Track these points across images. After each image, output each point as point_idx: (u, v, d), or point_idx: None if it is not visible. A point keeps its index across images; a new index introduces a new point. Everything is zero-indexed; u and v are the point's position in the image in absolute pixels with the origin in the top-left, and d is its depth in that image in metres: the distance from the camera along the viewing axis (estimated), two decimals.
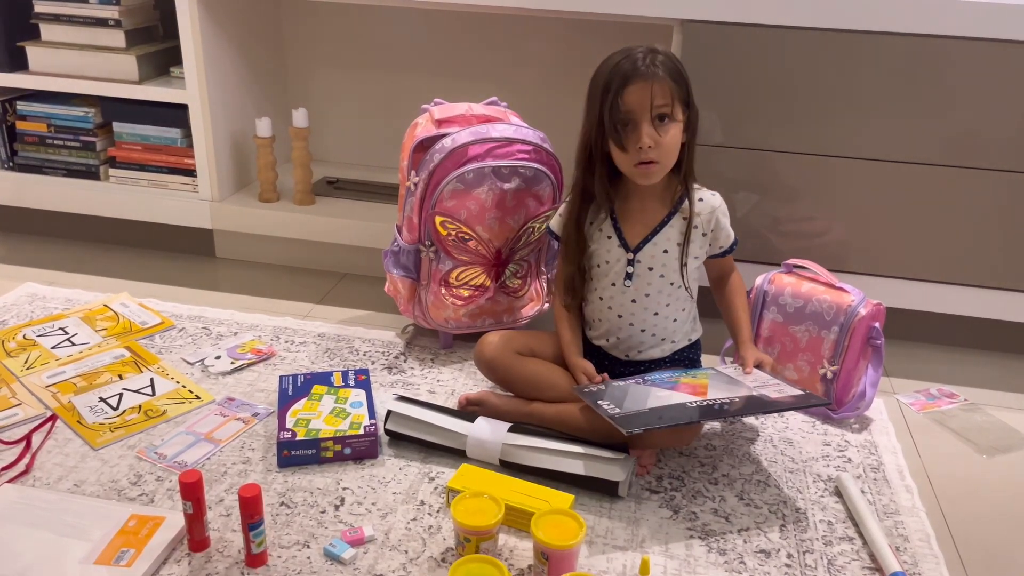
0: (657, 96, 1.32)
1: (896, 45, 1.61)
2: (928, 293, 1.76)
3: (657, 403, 1.30)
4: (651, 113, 1.33)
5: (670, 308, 1.47)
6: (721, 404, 1.31)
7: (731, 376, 1.41)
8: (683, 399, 1.32)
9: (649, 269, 1.44)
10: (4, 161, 2.19)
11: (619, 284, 1.45)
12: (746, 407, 1.32)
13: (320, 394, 1.47)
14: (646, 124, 1.33)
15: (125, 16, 2.01)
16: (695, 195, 1.44)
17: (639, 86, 1.32)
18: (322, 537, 1.20)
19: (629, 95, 1.33)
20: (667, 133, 1.35)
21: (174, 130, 2.07)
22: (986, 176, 1.66)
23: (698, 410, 1.29)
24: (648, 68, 1.33)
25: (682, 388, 1.36)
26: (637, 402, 1.30)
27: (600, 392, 1.35)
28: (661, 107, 1.33)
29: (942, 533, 1.28)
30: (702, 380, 1.39)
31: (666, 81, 1.33)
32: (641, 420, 1.24)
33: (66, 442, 1.40)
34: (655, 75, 1.32)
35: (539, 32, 2.13)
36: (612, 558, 1.19)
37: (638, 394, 1.33)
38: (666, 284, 1.45)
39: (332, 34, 2.28)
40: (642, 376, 1.41)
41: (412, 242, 1.66)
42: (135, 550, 1.14)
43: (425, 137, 1.61)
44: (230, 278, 2.05)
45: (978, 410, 1.61)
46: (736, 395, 1.33)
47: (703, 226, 1.44)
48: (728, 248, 1.48)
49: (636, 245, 1.44)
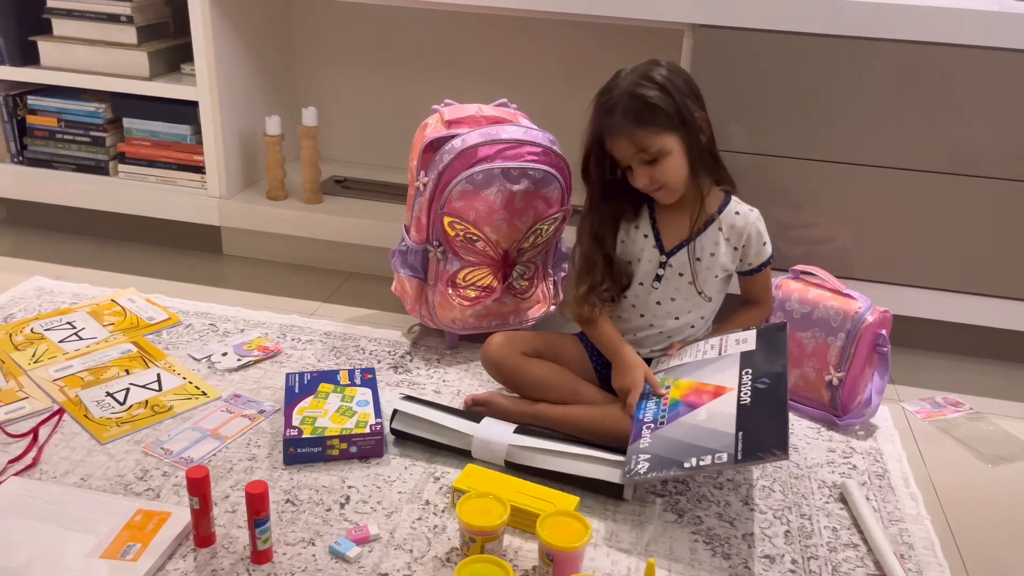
0: (629, 147, 1.35)
1: (905, 53, 1.61)
2: (935, 301, 1.76)
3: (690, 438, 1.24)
4: (635, 158, 1.36)
5: (691, 315, 1.47)
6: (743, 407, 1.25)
7: (688, 361, 1.39)
8: (710, 428, 1.24)
9: (679, 274, 1.44)
10: (14, 155, 2.20)
11: (647, 284, 1.46)
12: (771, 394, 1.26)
13: (326, 392, 1.47)
14: (637, 166, 1.37)
15: (137, 12, 2.01)
16: (732, 207, 1.44)
17: (616, 141, 1.36)
18: (327, 535, 1.21)
19: (612, 148, 1.38)
20: (663, 167, 1.36)
21: (184, 127, 2.07)
22: (993, 185, 1.66)
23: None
24: (618, 123, 1.34)
25: (691, 400, 1.31)
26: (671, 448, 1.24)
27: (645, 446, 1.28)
28: (639, 154, 1.35)
29: (947, 541, 1.28)
30: (686, 384, 1.36)
31: (634, 130, 1.34)
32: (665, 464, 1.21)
33: (73, 436, 1.40)
34: (619, 130, 1.34)
35: (550, 34, 2.13)
36: (616, 561, 1.19)
37: (672, 436, 1.27)
38: (693, 292, 1.45)
39: (342, 33, 2.28)
40: (652, 423, 1.32)
41: (420, 242, 1.66)
42: (141, 544, 1.15)
43: (435, 138, 1.61)
44: (237, 275, 2.06)
45: (983, 419, 1.61)
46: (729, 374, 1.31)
47: (735, 239, 1.44)
48: (758, 267, 1.48)
49: (671, 249, 1.44)
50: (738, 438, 1.19)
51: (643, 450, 1.25)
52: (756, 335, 1.38)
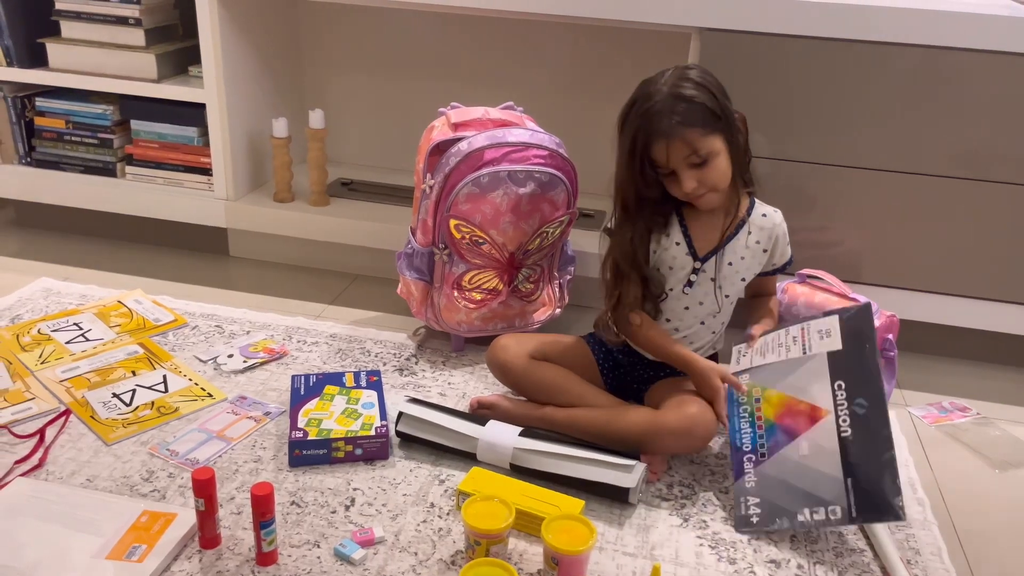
0: (682, 149, 1.31)
1: (915, 57, 1.61)
2: (941, 306, 1.75)
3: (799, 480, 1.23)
4: (685, 161, 1.32)
5: (715, 320, 1.47)
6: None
7: (772, 361, 1.37)
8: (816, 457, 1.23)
9: (711, 279, 1.43)
10: (22, 157, 2.20)
11: (677, 290, 1.44)
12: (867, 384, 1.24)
13: (332, 394, 1.47)
14: (683, 171, 1.33)
15: (145, 15, 2.02)
16: (758, 210, 1.44)
17: (662, 145, 1.32)
18: (332, 537, 1.21)
19: (657, 153, 1.33)
20: (711, 169, 1.34)
21: (191, 129, 2.08)
22: (1001, 189, 1.66)
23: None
24: (669, 126, 1.30)
25: (787, 424, 1.27)
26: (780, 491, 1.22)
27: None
28: (690, 156, 1.32)
29: (954, 547, 1.28)
30: (777, 397, 1.31)
31: (687, 131, 1.30)
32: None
33: (79, 437, 1.40)
34: (675, 132, 1.30)
35: (556, 38, 2.13)
36: (622, 565, 1.19)
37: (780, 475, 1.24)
38: (722, 296, 1.44)
39: (350, 36, 2.29)
40: (752, 455, 1.30)
41: (426, 245, 1.66)
42: (147, 546, 1.15)
43: (441, 140, 1.61)
44: (243, 277, 2.06)
45: (991, 424, 1.60)
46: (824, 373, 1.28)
47: (764, 242, 1.44)
48: (780, 267, 1.49)
49: (705, 254, 1.43)
50: (848, 487, 1.19)
51: (750, 492, 1.23)
52: (839, 324, 1.33)
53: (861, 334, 1.31)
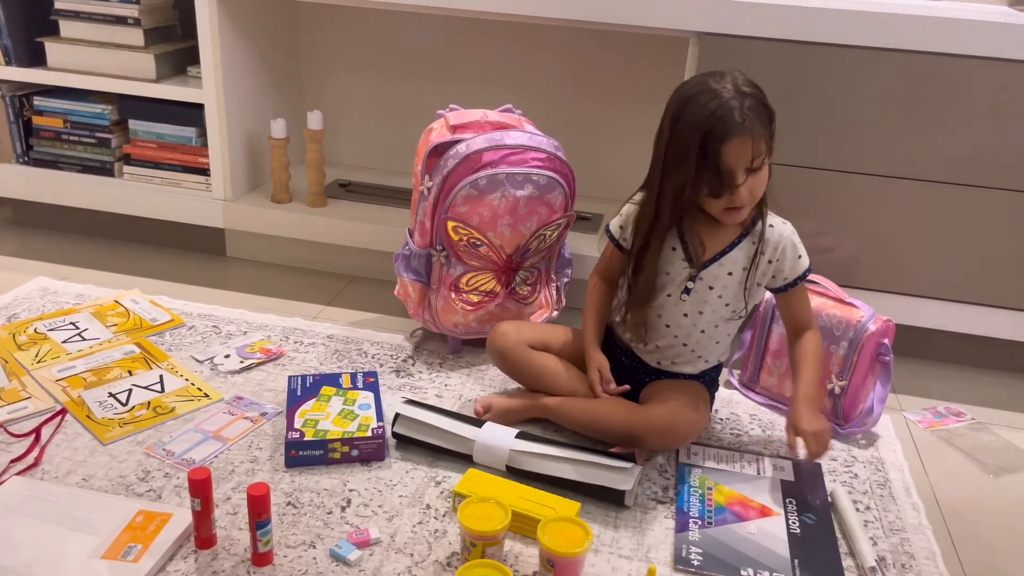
0: (756, 150, 1.26)
1: (911, 63, 1.61)
2: (938, 311, 1.76)
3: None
4: (749, 166, 1.27)
5: (718, 330, 1.43)
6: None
7: (725, 468, 1.41)
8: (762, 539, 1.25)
9: (710, 288, 1.39)
10: (20, 156, 2.20)
11: (675, 296, 1.41)
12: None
13: (329, 395, 1.47)
14: (742, 176, 1.27)
15: (144, 15, 2.02)
16: (767, 220, 1.38)
17: (739, 142, 1.25)
18: (328, 538, 1.21)
19: (729, 153, 1.25)
20: (762, 175, 1.30)
21: (189, 129, 2.08)
22: (997, 195, 1.66)
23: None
24: (746, 122, 1.24)
25: (737, 510, 1.31)
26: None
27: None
28: (758, 158, 1.27)
29: (948, 552, 1.28)
30: (729, 492, 1.35)
31: (763, 130, 1.26)
32: None
33: (75, 436, 1.40)
34: (753, 130, 1.25)
35: (555, 41, 2.14)
36: (617, 567, 1.19)
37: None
38: (722, 305, 1.40)
39: (348, 38, 2.29)
40: (699, 520, 1.29)
41: (424, 246, 1.66)
42: (142, 545, 1.15)
43: (440, 142, 1.61)
44: (241, 277, 2.06)
45: (985, 429, 1.61)
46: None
47: (770, 253, 1.38)
48: (794, 280, 1.40)
49: (703, 263, 1.38)
50: (794, 565, 1.20)
51: (693, 543, 1.23)
52: (793, 467, 1.42)
53: (815, 483, 1.39)
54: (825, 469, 1.43)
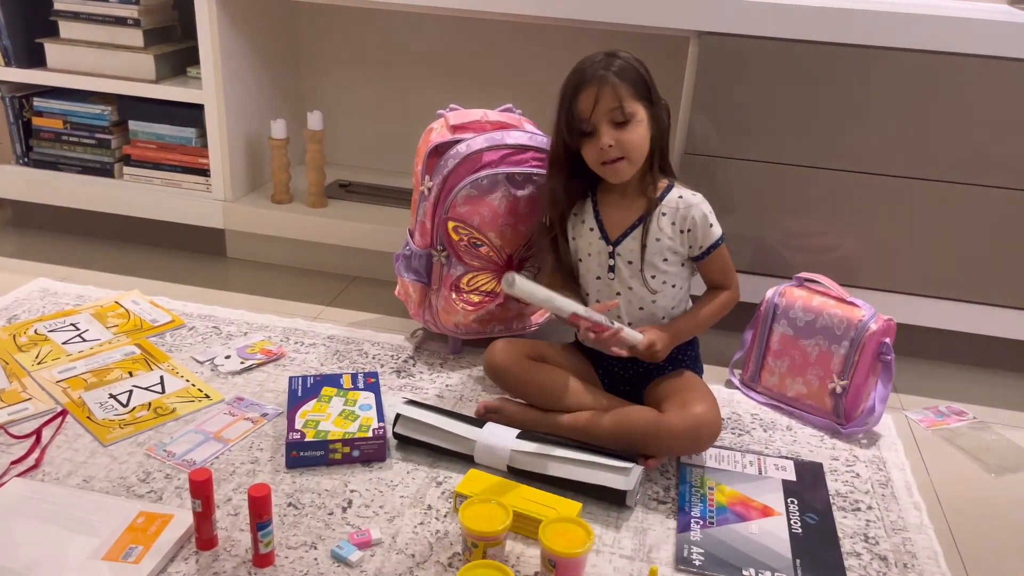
0: (609, 99, 1.36)
1: (911, 61, 1.61)
2: (939, 310, 1.76)
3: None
4: (607, 116, 1.37)
5: (656, 305, 1.47)
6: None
7: (727, 469, 1.41)
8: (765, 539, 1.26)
9: (629, 263, 1.45)
10: (20, 157, 2.20)
11: (603, 278, 1.47)
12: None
13: (329, 396, 1.47)
14: (604, 126, 1.37)
15: (144, 15, 2.02)
16: (675, 192, 1.45)
17: (590, 92, 1.37)
18: (329, 539, 1.21)
19: (582, 101, 1.38)
20: (630, 132, 1.38)
21: (189, 130, 2.08)
22: (998, 194, 1.66)
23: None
24: (598, 73, 1.36)
25: (739, 510, 1.31)
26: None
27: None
28: (614, 109, 1.36)
29: (950, 551, 1.28)
30: (731, 492, 1.35)
31: (618, 84, 1.36)
32: None
33: (76, 437, 1.40)
34: (604, 79, 1.36)
35: (555, 40, 2.13)
36: (619, 567, 1.19)
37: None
38: (647, 278, 1.45)
39: (348, 38, 2.29)
40: (701, 520, 1.29)
41: (424, 246, 1.66)
42: (143, 547, 1.15)
43: (440, 142, 1.61)
44: (241, 278, 2.06)
45: (987, 428, 1.61)
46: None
47: (680, 223, 1.44)
48: (708, 249, 1.45)
49: (616, 238, 1.45)
50: (796, 564, 1.20)
51: (695, 543, 1.23)
52: (794, 466, 1.43)
53: (816, 481, 1.39)
54: (827, 468, 1.43)
